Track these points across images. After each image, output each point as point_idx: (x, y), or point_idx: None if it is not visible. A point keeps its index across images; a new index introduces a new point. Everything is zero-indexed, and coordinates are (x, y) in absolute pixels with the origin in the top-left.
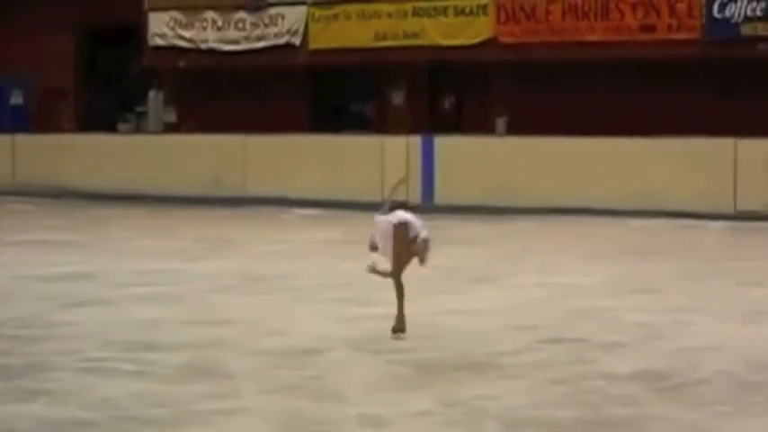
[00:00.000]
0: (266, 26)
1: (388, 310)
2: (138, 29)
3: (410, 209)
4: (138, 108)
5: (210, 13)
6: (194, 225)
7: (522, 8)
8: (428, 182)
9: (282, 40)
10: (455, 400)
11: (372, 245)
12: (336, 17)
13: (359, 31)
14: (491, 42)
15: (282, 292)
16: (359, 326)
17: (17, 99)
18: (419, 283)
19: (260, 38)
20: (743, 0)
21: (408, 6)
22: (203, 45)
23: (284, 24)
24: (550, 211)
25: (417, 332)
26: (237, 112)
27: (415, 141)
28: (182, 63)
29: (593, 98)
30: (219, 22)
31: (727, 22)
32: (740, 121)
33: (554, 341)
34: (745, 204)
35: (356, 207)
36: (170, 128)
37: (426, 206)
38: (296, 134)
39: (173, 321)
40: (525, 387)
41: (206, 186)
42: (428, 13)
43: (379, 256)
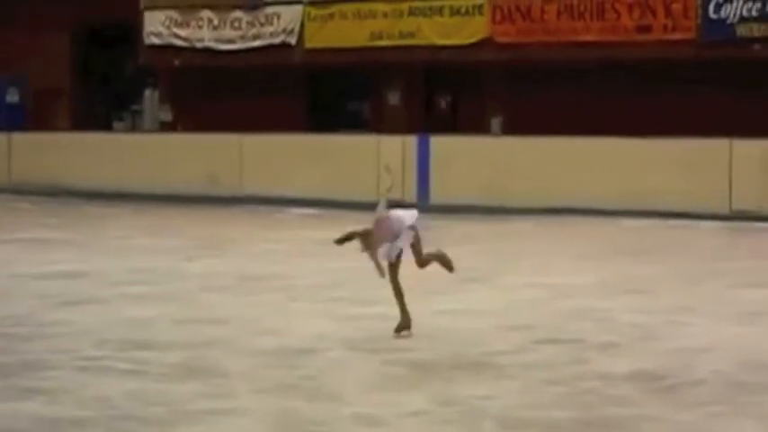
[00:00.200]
0: (262, 25)
1: (384, 310)
2: (134, 27)
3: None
4: (134, 107)
5: (206, 12)
6: (190, 224)
7: (518, 8)
8: (423, 181)
9: (278, 40)
10: (451, 400)
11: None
12: (332, 16)
13: (355, 30)
14: (487, 42)
15: (278, 291)
16: (354, 325)
17: (13, 97)
18: (414, 284)
19: (256, 37)
20: (738, 1)
21: (404, 6)
22: (199, 44)
23: (280, 23)
24: (545, 211)
25: (413, 332)
26: (233, 112)
27: (411, 141)
28: (177, 62)
29: (588, 98)
30: (215, 21)
31: (722, 22)
32: (735, 121)
33: (549, 341)
34: (740, 204)
35: (352, 206)
36: (166, 127)
37: (422, 206)
38: (292, 133)
39: (168, 320)
40: (520, 387)
41: (202, 185)
42: (424, 13)
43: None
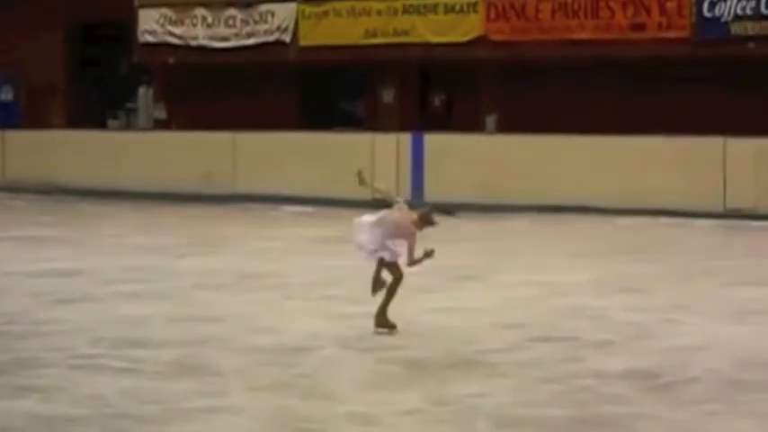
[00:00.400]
0: (256, 23)
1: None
2: (129, 25)
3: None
4: (128, 105)
5: (200, 10)
6: (184, 222)
7: (512, 6)
8: (418, 179)
9: (272, 37)
10: (444, 399)
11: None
12: (326, 14)
13: (349, 28)
14: (481, 40)
15: (272, 289)
16: (348, 324)
17: (7, 95)
18: (408, 282)
19: (250, 35)
20: None
21: (398, 4)
22: (193, 42)
23: (274, 21)
24: (540, 209)
25: (406, 330)
26: (227, 109)
27: (405, 139)
28: (172, 60)
29: (582, 96)
30: (209, 19)
31: (716, 20)
32: (729, 119)
33: (543, 339)
34: (735, 203)
35: (346, 204)
36: (160, 125)
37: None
38: (286, 131)
39: (162, 318)
40: (515, 385)
41: (196, 183)
42: (418, 11)
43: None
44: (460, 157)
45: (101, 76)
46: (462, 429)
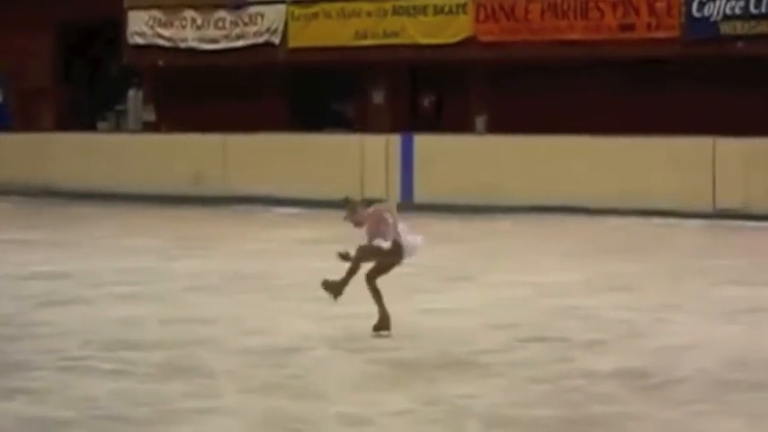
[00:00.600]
0: (246, 25)
1: (369, 309)
2: (118, 27)
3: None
4: (118, 107)
5: (190, 12)
6: (174, 224)
7: (502, 7)
8: (407, 180)
9: (262, 39)
10: (435, 399)
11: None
12: (316, 16)
13: (339, 29)
14: (470, 41)
15: (262, 290)
16: (339, 325)
17: None
18: (398, 283)
19: (239, 36)
20: None
21: (388, 5)
22: (183, 44)
23: (264, 23)
24: (530, 210)
25: (397, 331)
26: (217, 111)
27: (395, 140)
28: (161, 62)
29: (572, 97)
30: (199, 21)
31: (706, 20)
32: (719, 119)
33: (534, 340)
34: (724, 203)
35: (336, 206)
36: (149, 127)
37: (406, 205)
38: (276, 133)
39: (152, 320)
40: (505, 385)
41: (186, 185)
42: (408, 12)
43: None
44: (450, 158)
45: (90, 79)
46: (453, 430)
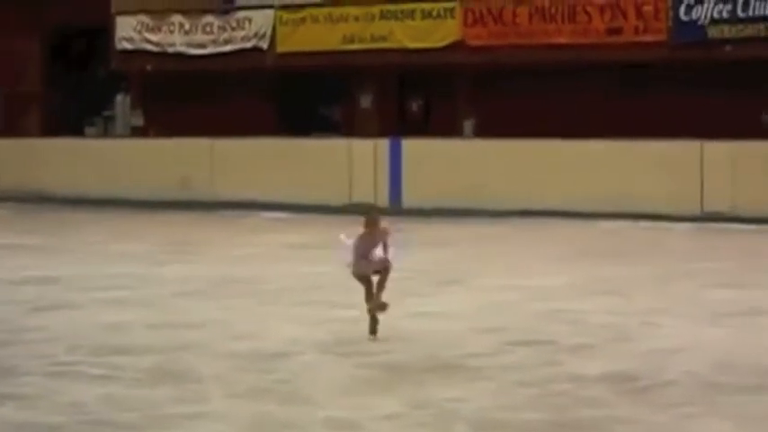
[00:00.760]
0: (234, 30)
1: (357, 314)
2: (106, 33)
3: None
4: (106, 112)
5: (178, 17)
6: (162, 229)
7: (490, 11)
8: (396, 184)
9: (250, 44)
10: (424, 403)
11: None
12: (304, 20)
13: (326, 34)
14: (458, 45)
15: (251, 295)
16: (327, 329)
17: None
18: (388, 287)
19: (227, 41)
20: (709, 2)
21: (376, 10)
22: (171, 49)
23: (252, 28)
24: (518, 214)
25: (386, 335)
26: (205, 116)
27: (383, 144)
28: (149, 67)
29: (560, 101)
30: (187, 26)
31: (693, 24)
32: (706, 122)
33: (522, 343)
34: (712, 206)
35: (324, 210)
36: (137, 132)
37: (394, 209)
38: (263, 137)
39: (141, 325)
40: (494, 389)
41: (174, 190)
42: (395, 17)
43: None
44: (438, 162)
45: (78, 84)
46: None
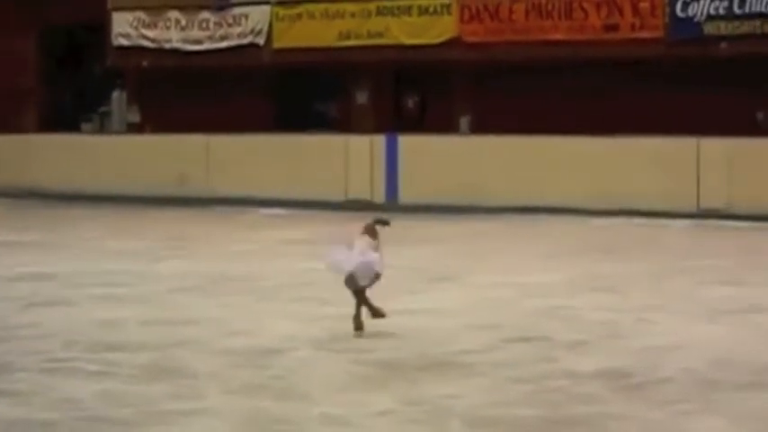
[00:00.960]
0: (230, 26)
1: (352, 311)
2: (102, 28)
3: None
4: (102, 108)
5: (174, 13)
6: (159, 225)
7: (486, 7)
8: (392, 181)
9: (246, 40)
10: (418, 399)
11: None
12: (300, 17)
13: (323, 30)
14: (455, 41)
15: (246, 292)
16: (322, 326)
17: None
18: (382, 283)
19: (224, 37)
20: None
21: (372, 6)
22: (167, 45)
23: (248, 24)
24: (514, 211)
25: (380, 332)
26: (201, 112)
27: (379, 140)
28: (145, 63)
29: (556, 97)
30: (183, 22)
31: (690, 21)
32: (703, 119)
33: (517, 340)
34: (708, 203)
35: (320, 206)
36: (134, 128)
37: (390, 205)
38: (260, 134)
39: (136, 321)
40: (488, 386)
41: (170, 186)
42: (392, 13)
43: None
44: (435, 159)
45: (74, 80)
46: (435, 430)
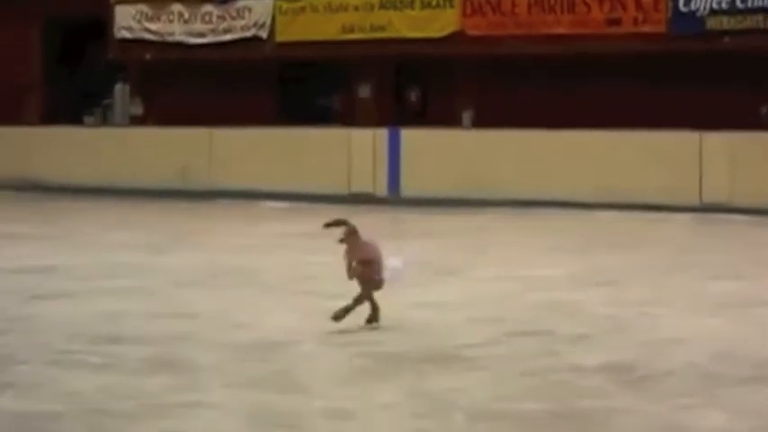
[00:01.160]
0: (233, 19)
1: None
2: (105, 21)
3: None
4: (105, 101)
5: (177, 6)
6: (161, 218)
7: (489, 1)
8: (394, 174)
9: (249, 33)
10: (421, 393)
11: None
12: (303, 10)
13: (326, 23)
14: (457, 35)
15: (249, 285)
16: (326, 319)
17: None
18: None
19: (227, 31)
20: None
21: None
22: (170, 38)
23: (251, 17)
24: (517, 204)
25: (383, 325)
26: (204, 105)
27: (382, 134)
28: (148, 56)
29: (559, 91)
30: (186, 15)
31: (692, 15)
32: (705, 114)
33: (520, 334)
34: (711, 197)
35: (323, 200)
36: (136, 121)
37: (392, 199)
38: (262, 127)
39: (138, 314)
40: (491, 379)
41: (172, 179)
42: (395, 6)
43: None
44: (437, 153)
45: (77, 73)
46: (439, 423)
